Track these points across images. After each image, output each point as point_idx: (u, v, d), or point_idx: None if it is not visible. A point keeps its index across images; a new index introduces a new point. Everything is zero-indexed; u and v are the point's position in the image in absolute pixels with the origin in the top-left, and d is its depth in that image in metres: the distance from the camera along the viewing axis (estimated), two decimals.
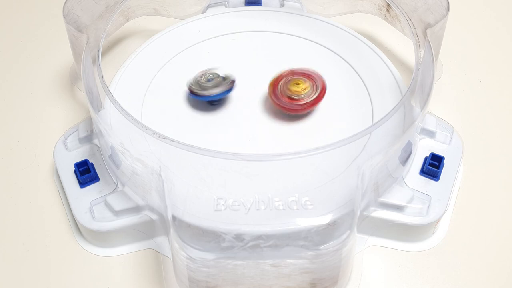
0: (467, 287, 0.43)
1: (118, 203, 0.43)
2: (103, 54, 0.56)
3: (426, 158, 0.46)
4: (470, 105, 0.53)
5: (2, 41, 0.59)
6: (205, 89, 0.46)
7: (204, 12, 0.55)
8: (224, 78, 0.47)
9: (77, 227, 0.45)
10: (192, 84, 0.47)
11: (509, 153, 0.50)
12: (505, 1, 0.62)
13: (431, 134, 0.47)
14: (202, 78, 0.47)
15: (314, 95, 0.46)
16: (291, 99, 0.46)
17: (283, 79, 0.46)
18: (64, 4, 0.47)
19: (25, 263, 0.44)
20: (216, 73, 0.47)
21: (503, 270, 0.44)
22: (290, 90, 0.46)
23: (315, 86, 0.46)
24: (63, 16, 0.47)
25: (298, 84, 0.46)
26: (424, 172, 0.45)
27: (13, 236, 0.45)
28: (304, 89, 0.46)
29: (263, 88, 0.47)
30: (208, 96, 0.46)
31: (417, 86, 0.44)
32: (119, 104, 0.41)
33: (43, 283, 0.43)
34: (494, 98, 0.54)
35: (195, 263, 0.38)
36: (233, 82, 0.47)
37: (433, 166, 0.45)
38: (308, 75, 0.47)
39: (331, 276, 0.40)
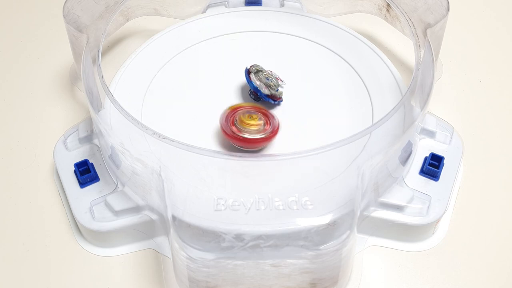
0: (467, 287, 0.43)
1: (118, 203, 0.43)
2: (103, 54, 0.56)
3: (426, 158, 0.46)
4: (470, 105, 0.53)
5: (2, 41, 0.59)
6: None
7: (204, 12, 0.55)
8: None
9: (77, 227, 0.45)
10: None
11: (509, 153, 0.50)
12: (505, 1, 0.62)
13: (431, 134, 0.47)
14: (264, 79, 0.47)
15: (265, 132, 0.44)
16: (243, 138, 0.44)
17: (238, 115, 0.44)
18: (64, 4, 0.47)
19: (25, 263, 0.44)
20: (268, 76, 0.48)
21: (503, 270, 0.44)
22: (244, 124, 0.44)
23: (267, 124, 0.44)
24: (63, 16, 0.47)
25: (252, 118, 0.44)
26: (424, 172, 0.45)
27: (13, 236, 0.45)
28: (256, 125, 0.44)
29: None
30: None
31: (417, 86, 0.44)
32: (119, 104, 0.41)
33: (43, 283, 0.43)
34: (494, 98, 0.54)
35: (195, 263, 0.38)
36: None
37: (433, 166, 0.45)
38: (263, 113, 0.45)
39: (331, 276, 0.40)
